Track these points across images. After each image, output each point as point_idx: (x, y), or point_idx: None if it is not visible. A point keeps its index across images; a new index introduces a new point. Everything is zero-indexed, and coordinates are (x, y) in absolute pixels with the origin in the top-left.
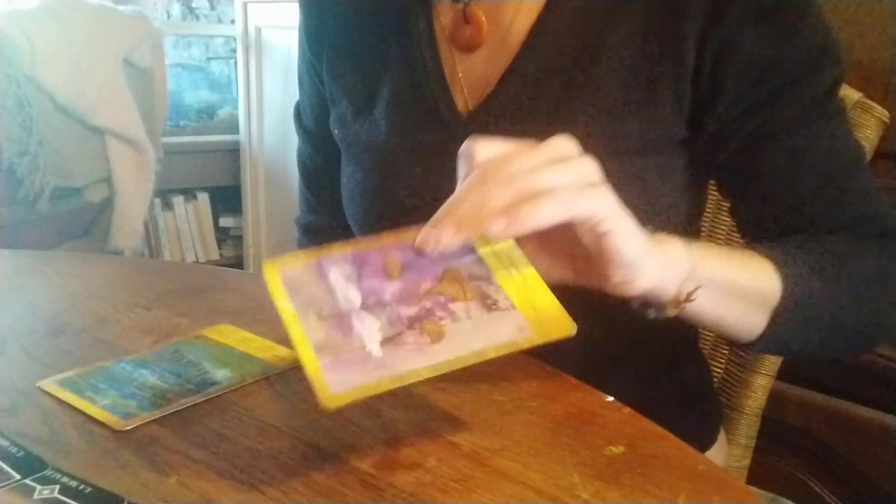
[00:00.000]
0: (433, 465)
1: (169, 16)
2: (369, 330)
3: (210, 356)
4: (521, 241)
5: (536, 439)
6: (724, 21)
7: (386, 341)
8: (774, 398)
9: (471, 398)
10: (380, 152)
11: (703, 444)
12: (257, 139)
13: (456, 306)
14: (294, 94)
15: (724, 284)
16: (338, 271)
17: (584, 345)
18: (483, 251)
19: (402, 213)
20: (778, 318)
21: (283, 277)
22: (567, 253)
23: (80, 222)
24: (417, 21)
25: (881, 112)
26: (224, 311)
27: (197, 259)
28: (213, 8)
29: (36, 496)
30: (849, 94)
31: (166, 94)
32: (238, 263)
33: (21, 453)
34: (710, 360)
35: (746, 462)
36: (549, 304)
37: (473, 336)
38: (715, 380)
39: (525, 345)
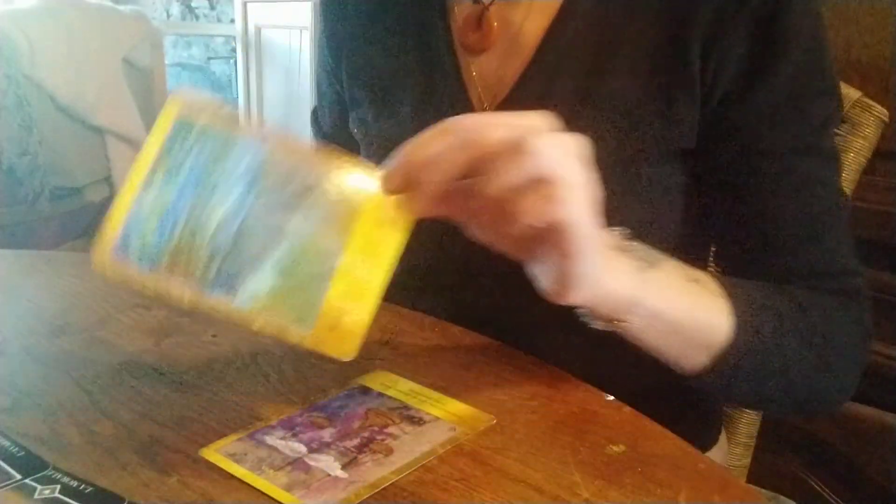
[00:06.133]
0: (434, 463)
1: (169, 15)
2: (327, 462)
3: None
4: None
5: (537, 438)
6: (727, 30)
7: (345, 466)
8: None
9: (471, 397)
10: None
11: (705, 443)
12: None
13: (391, 429)
14: (294, 93)
15: (666, 319)
16: (273, 434)
17: (586, 344)
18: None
19: None
20: (721, 362)
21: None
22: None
23: (80, 222)
24: (434, 24)
25: (880, 111)
26: None
27: None
28: (212, 7)
29: (37, 496)
30: (849, 93)
31: (166, 93)
32: None
33: (22, 453)
34: None
35: (747, 461)
36: (464, 408)
37: (418, 443)
38: None
39: (462, 438)
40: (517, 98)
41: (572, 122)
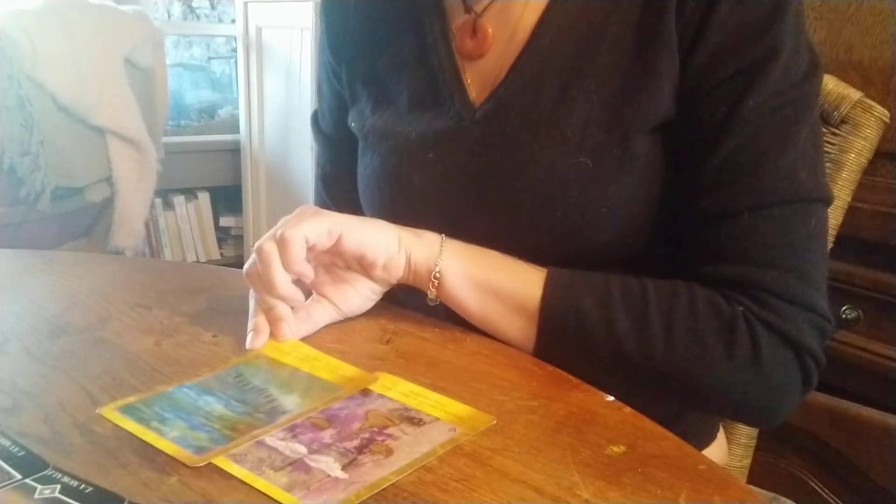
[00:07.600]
0: (434, 464)
1: (170, 15)
2: (327, 463)
3: (275, 381)
4: (322, 294)
5: (537, 439)
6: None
7: (345, 467)
8: None
9: (471, 398)
10: (396, 139)
11: (703, 440)
12: (258, 139)
13: (391, 430)
14: (294, 94)
15: (474, 278)
16: (274, 436)
17: None
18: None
19: (413, 195)
20: (543, 326)
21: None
22: (355, 278)
23: (81, 222)
24: (432, 23)
25: (881, 112)
26: (225, 311)
27: (198, 259)
28: (213, 8)
29: (37, 496)
30: (850, 93)
31: (167, 93)
32: (239, 263)
33: (22, 453)
34: None
35: (747, 462)
36: (464, 408)
37: (417, 443)
38: None
39: (462, 438)
40: (509, 86)
41: (563, 103)
